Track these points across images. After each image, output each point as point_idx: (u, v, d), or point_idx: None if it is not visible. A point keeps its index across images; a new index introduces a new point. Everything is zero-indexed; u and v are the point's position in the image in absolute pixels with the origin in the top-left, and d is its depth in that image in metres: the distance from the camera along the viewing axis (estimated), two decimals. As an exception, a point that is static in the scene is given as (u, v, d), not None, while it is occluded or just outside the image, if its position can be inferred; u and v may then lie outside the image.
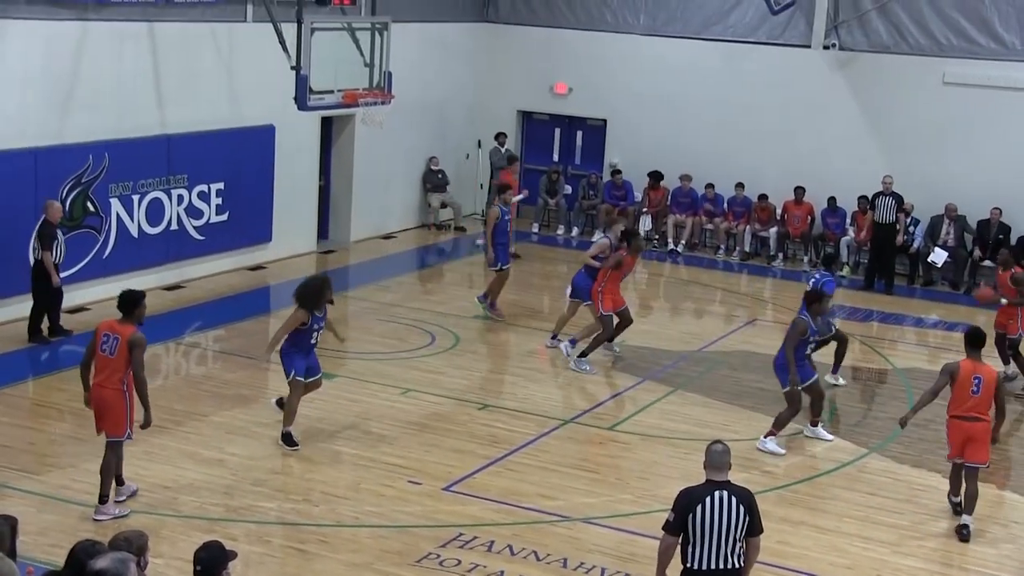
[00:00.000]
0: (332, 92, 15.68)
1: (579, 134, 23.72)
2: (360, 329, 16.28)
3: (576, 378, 14.64)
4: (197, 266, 17.64)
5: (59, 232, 14.74)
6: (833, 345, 14.70)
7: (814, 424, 13.00)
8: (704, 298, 19.45)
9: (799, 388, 12.47)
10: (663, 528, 7.48)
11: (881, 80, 21.04)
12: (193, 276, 17.70)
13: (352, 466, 11.61)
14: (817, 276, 14.76)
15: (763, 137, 21.72)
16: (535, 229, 22.86)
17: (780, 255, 21.62)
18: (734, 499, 7.29)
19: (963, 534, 10.79)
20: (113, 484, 10.35)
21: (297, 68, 15.09)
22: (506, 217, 16.86)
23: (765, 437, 12.53)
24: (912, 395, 14.69)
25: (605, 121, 23.17)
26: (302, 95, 15.17)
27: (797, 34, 21.61)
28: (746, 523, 7.32)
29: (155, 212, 16.89)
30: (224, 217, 18.00)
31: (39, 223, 14.67)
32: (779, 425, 12.53)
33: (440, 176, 22.62)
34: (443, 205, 22.76)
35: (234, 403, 13.05)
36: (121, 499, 10.45)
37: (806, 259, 21.40)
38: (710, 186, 21.98)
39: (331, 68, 15.54)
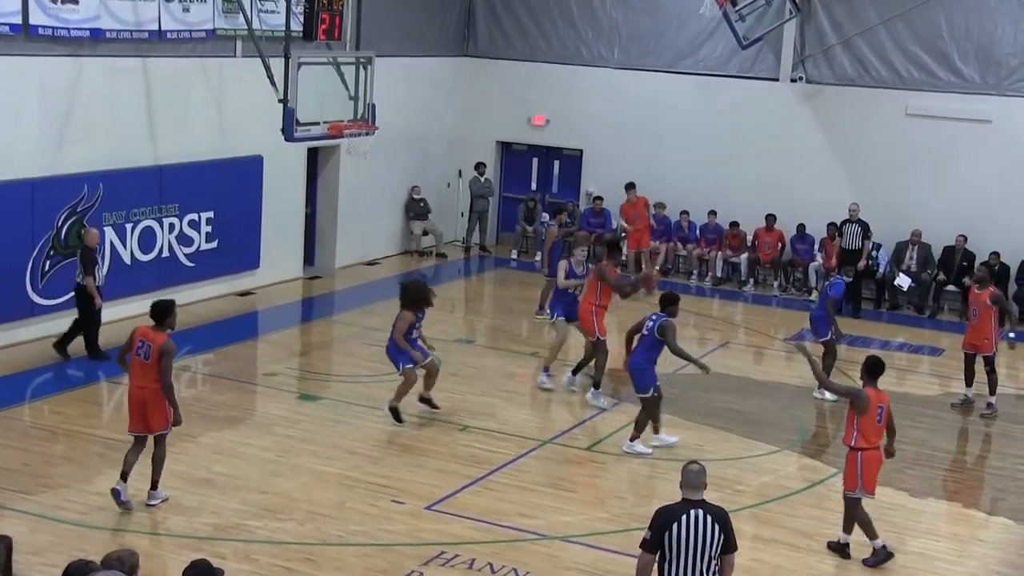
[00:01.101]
0: (318, 124, 15.75)
1: (556, 163, 23.78)
2: (345, 353, 16.30)
3: (554, 400, 14.67)
4: (187, 292, 17.57)
5: (98, 256, 14.99)
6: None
7: (656, 432, 13.02)
8: (678, 322, 19.41)
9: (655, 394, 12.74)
10: (640, 546, 7.51)
11: (846, 112, 21.23)
12: (184, 301, 17.44)
13: (337, 486, 11.61)
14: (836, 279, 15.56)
15: (734, 166, 21.83)
16: (514, 255, 22.90)
17: (751, 280, 21.72)
18: (709, 517, 7.33)
19: (847, 552, 10.64)
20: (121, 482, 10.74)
21: (284, 101, 15.15)
22: (558, 239, 18.84)
23: (631, 440, 12.78)
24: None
25: (581, 151, 23.25)
26: (289, 127, 15.22)
27: (766, 67, 21.78)
28: (721, 541, 7.36)
29: (147, 240, 16.89)
30: (214, 245, 18.02)
31: (80, 250, 14.96)
32: (640, 427, 12.82)
33: (422, 204, 22.65)
34: (425, 232, 22.79)
35: (222, 424, 13.05)
36: (153, 503, 10.88)
37: (776, 284, 21.50)
38: (684, 213, 22.06)
39: (317, 101, 15.63)
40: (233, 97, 17.96)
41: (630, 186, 21.68)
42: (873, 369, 10.60)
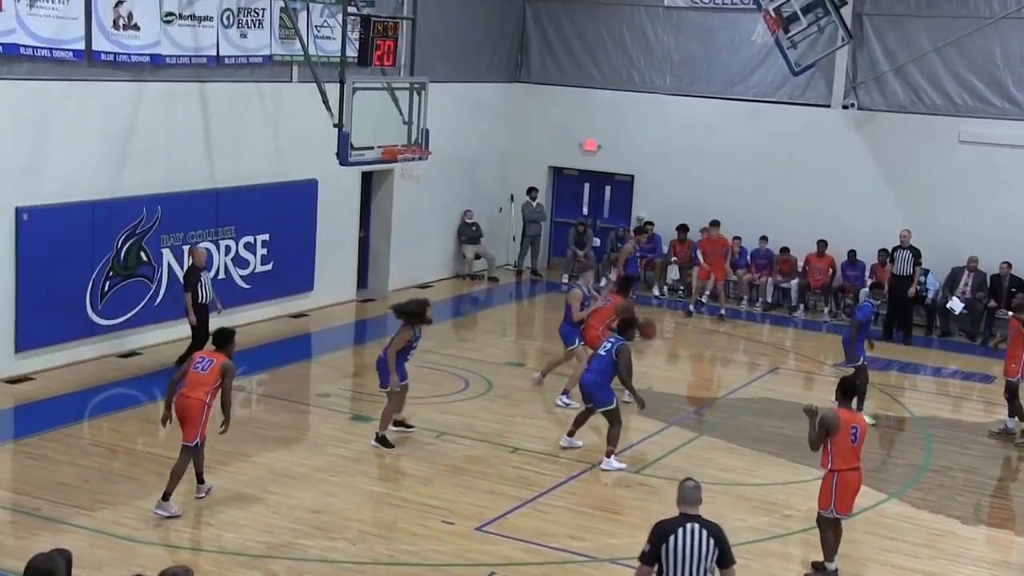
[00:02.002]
0: (372, 148, 15.77)
1: (607, 189, 23.82)
2: (397, 374, 16.39)
3: (603, 423, 14.59)
4: (243, 313, 17.73)
5: (203, 275, 15.28)
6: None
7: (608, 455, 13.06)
8: (728, 347, 19.41)
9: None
10: (639, 559, 7.68)
11: (898, 138, 21.06)
12: (239, 323, 17.68)
13: (388, 506, 11.66)
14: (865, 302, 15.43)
15: (786, 192, 21.73)
16: (565, 279, 22.89)
17: (801, 306, 21.59)
18: (704, 531, 7.56)
19: None
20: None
21: (339, 125, 15.21)
22: (637, 254, 19.71)
23: (607, 457, 12.93)
24: (931, 443, 14.62)
25: (633, 176, 23.27)
26: (344, 151, 15.28)
27: (817, 94, 21.70)
28: (716, 554, 7.56)
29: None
30: (269, 267, 18.18)
31: (186, 268, 15.47)
32: (613, 442, 12.98)
33: (474, 228, 22.75)
34: (477, 256, 22.85)
35: (276, 444, 13.15)
36: (201, 495, 11.39)
37: (826, 310, 21.34)
38: (737, 238, 21.94)
39: (371, 126, 15.66)
40: (289, 122, 18.15)
41: (714, 223, 21.65)
42: (847, 390, 10.64)
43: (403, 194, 20.61)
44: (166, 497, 11.01)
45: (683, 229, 22.19)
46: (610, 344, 13.10)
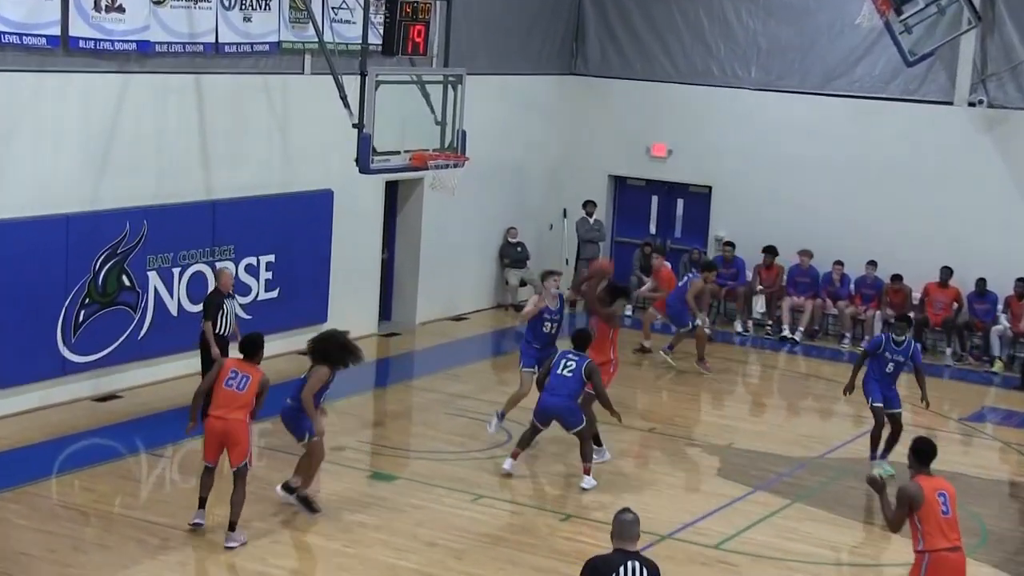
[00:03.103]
0: (398, 153, 15.80)
1: (680, 203, 23.79)
2: (426, 424, 16.34)
3: (675, 485, 14.58)
4: (242, 350, 17.79)
5: (227, 302, 15.43)
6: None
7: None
8: (827, 395, 19.25)
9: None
10: None
11: (1038, 142, 20.93)
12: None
13: (415, 584, 11.61)
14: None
15: (898, 208, 21.59)
16: (628, 311, 22.82)
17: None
18: (645, 570, 7.75)
19: None
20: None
21: (359, 126, 15.25)
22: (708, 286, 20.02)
23: (587, 475, 14.07)
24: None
25: (710, 188, 23.23)
26: (364, 156, 15.29)
27: (936, 88, 21.58)
28: None
29: (198, 287, 17.03)
30: (274, 294, 18.24)
31: (209, 291, 15.77)
32: (589, 458, 14.20)
33: (519, 249, 22.75)
34: (522, 283, 22.82)
35: (280, 508, 13.10)
36: (200, 522, 12.22)
37: (949, 351, 21.07)
38: (838, 264, 21.83)
39: (398, 126, 15.71)
40: (300, 121, 18.25)
41: (769, 250, 21.74)
42: (921, 454, 9.83)
43: (435, 208, 20.67)
44: (232, 527, 11.91)
45: (771, 251, 22.10)
46: (574, 364, 14.10)
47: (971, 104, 21.31)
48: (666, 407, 17.75)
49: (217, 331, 15.23)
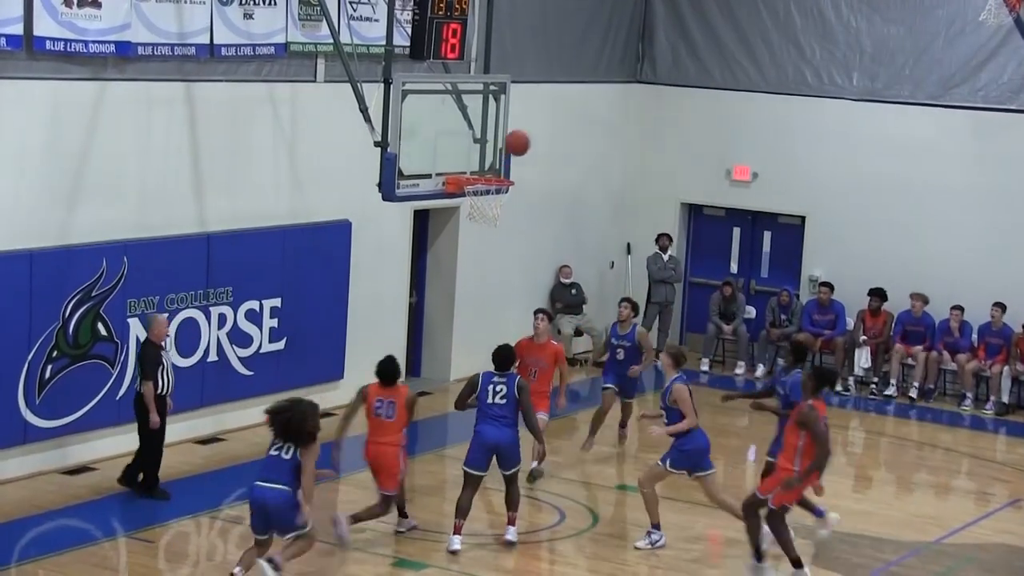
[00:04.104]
0: (429, 176, 15.76)
1: (767, 236, 23.82)
2: (461, 502, 16.18)
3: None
4: (242, 411, 17.70)
5: (165, 356, 15.47)
6: None
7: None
8: (945, 468, 19.20)
9: None
10: None
11: None
12: (236, 425, 17.81)
13: None
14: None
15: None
16: (704, 367, 22.58)
17: (1058, 408, 21.18)
18: None
19: None
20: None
21: (383, 144, 15.22)
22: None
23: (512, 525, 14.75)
24: None
25: (803, 218, 23.25)
26: (388, 180, 15.26)
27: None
28: None
29: (188, 337, 17.07)
30: (280, 345, 18.19)
31: (140, 344, 15.66)
32: (517, 506, 14.82)
33: (574, 292, 22.65)
34: (578, 332, 22.67)
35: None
36: (402, 530, 14.76)
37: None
38: (957, 308, 21.65)
39: (429, 144, 15.67)
40: (312, 138, 18.24)
41: (876, 293, 21.64)
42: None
43: (473, 242, 20.61)
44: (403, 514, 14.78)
45: (878, 295, 21.93)
46: (504, 387, 14.76)
47: (1118, 116, 21.29)
48: (751, 480, 17.42)
49: (158, 391, 15.22)
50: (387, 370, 14.39)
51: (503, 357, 15.09)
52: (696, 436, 14.75)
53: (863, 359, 22.14)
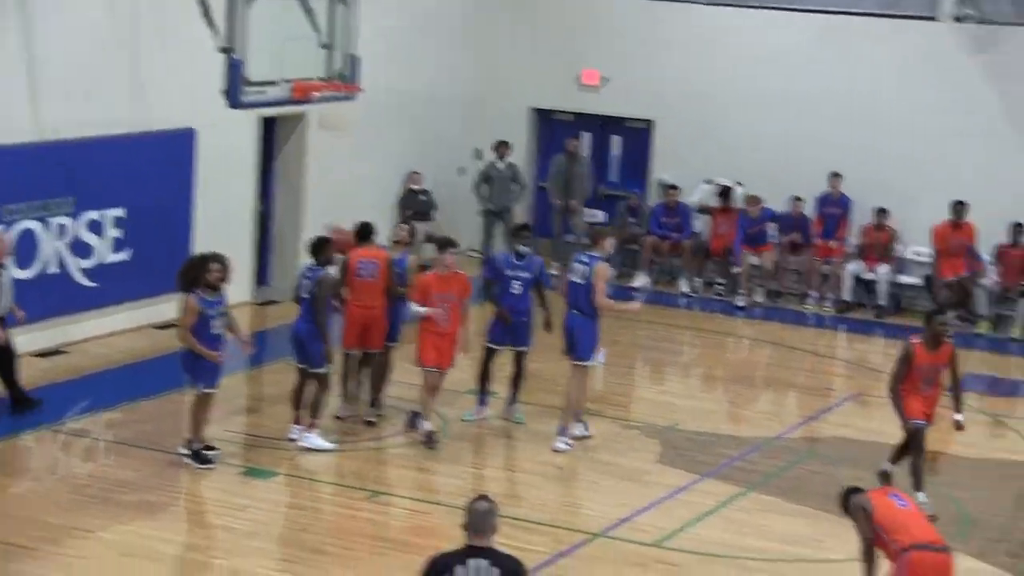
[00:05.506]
0: (276, 83, 15.77)
1: (616, 140, 23.94)
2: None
3: (610, 475, 14.67)
4: (84, 323, 17.69)
5: (3, 273, 15.00)
6: None
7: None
8: (786, 366, 19.53)
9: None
10: None
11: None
12: (78, 337, 17.75)
13: (296, 599, 11.63)
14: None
15: (878, 141, 21.88)
16: (554, 271, 22.81)
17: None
18: (496, 570, 7.86)
19: None
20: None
21: (228, 49, 15.13)
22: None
23: (307, 431, 14.67)
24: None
25: (651, 122, 23.40)
26: (234, 87, 15.21)
27: (918, 2, 21.87)
28: None
29: (26, 249, 16.89)
30: (124, 256, 18.15)
31: None
32: (321, 412, 14.86)
33: (423, 199, 22.76)
34: (428, 238, 22.80)
35: (134, 513, 13.03)
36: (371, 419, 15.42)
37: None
38: (798, 199, 22.01)
39: (276, 49, 15.61)
40: (153, 42, 18.02)
41: (723, 194, 21.94)
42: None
43: (321, 150, 20.62)
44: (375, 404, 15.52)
45: (725, 194, 22.28)
46: (308, 280, 14.75)
47: (957, 19, 21.61)
48: (597, 382, 17.77)
49: None
50: (361, 231, 15.35)
51: (312, 247, 15.04)
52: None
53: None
